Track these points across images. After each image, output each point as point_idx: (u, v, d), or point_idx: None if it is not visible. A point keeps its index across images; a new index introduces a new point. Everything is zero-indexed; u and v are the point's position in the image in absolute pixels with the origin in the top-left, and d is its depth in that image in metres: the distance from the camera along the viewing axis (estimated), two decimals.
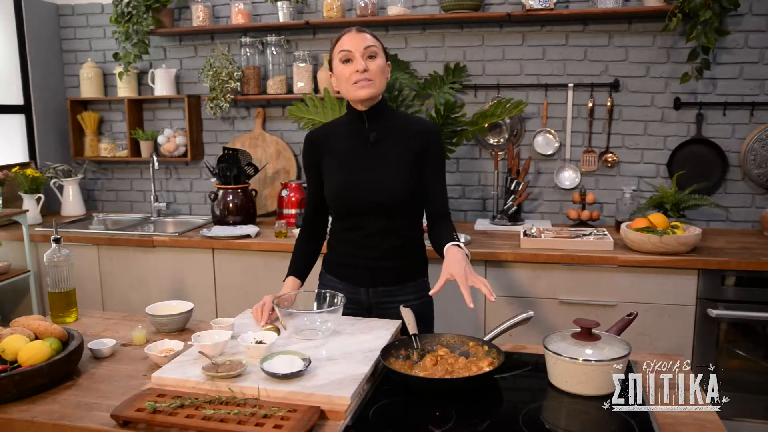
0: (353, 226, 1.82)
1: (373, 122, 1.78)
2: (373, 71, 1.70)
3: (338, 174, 1.81)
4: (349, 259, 1.85)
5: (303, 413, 1.21)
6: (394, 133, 1.79)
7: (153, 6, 3.31)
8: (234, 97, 3.38)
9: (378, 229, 1.78)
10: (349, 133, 1.81)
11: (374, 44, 1.72)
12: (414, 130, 1.80)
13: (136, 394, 1.31)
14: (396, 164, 1.76)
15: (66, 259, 1.81)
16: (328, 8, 3.18)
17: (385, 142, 1.78)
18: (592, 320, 1.40)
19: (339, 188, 1.80)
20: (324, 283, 1.92)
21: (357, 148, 1.80)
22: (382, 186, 1.75)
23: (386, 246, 1.80)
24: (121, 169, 3.81)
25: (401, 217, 1.80)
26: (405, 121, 1.83)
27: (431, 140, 1.80)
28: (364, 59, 1.70)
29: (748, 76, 2.93)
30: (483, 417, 1.26)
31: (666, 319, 2.56)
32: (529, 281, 2.65)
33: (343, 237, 1.86)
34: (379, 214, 1.77)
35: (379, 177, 1.76)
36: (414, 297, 1.83)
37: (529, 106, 3.17)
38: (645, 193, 3.11)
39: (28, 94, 3.57)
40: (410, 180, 1.77)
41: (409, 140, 1.78)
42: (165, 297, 3.07)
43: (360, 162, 1.79)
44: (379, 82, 1.73)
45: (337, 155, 1.82)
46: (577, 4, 3.04)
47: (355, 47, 1.70)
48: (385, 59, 1.76)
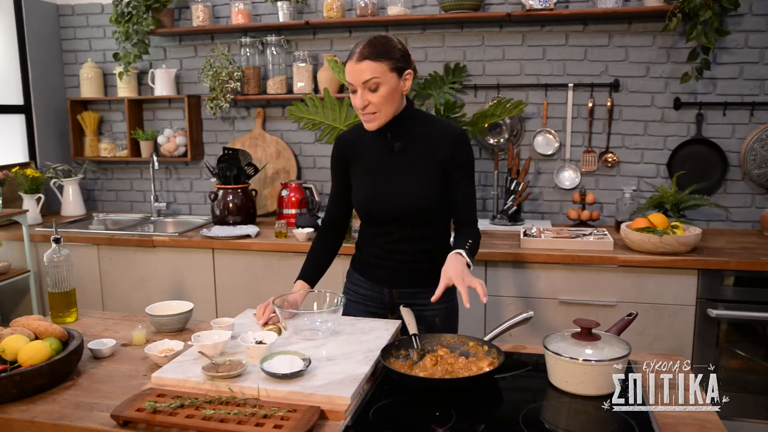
0: (379, 232, 1.82)
1: (396, 132, 1.75)
2: (375, 104, 1.65)
3: (364, 182, 1.80)
4: (376, 260, 1.85)
5: (303, 413, 1.21)
6: (418, 142, 1.75)
7: (153, 6, 3.31)
8: (234, 97, 3.38)
9: (404, 236, 1.79)
10: (375, 142, 1.78)
11: (375, 75, 1.61)
12: (439, 138, 1.75)
13: (136, 394, 1.31)
14: (421, 173, 1.74)
15: (66, 259, 1.81)
16: (328, 8, 3.18)
17: (409, 151, 1.76)
18: (592, 320, 1.40)
19: (365, 197, 1.80)
20: (351, 281, 1.93)
21: (382, 157, 1.78)
22: (406, 196, 1.74)
23: (412, 251, 1.80)
24: (121, 169, 3.81)
25: (427, 225, 1.79)
26: (431, 128, 1.77)
27: (457, 147, 1.74)
28: (364, 92, 1.64)
29: (748, 76, 2.93)
30: (483, 417, 1.26)
31: (666, 319, 2.56)
32: (529, 281, 2.65)
33: (370, 240, 1.86)
34: (405, 222, 1.77)
35: (403, 187, 1.75)
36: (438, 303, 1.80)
37: (529, 106, 3.17)
38: (645, 193, 3.11)
39: (28, 94, 3.57)
40: (435, 189, 1.74)
41: (434, 149, 1.74)
42: (165, 297, 3.07)
43: (385, 171, 1.77)
44: (385, 111, 1.67)
45: (364, 162, 1.81)
46: (577, 4, 3.04)
47: (354, 80, 1.64)
48: (397, 76, 1.65)
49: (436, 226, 1.81)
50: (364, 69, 1.61)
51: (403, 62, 1.67)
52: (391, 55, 1.64)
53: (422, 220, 1.77)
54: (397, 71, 1.65)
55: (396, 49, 1.65)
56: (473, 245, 1.71)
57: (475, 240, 1.74)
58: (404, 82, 1.68)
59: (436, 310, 1.79)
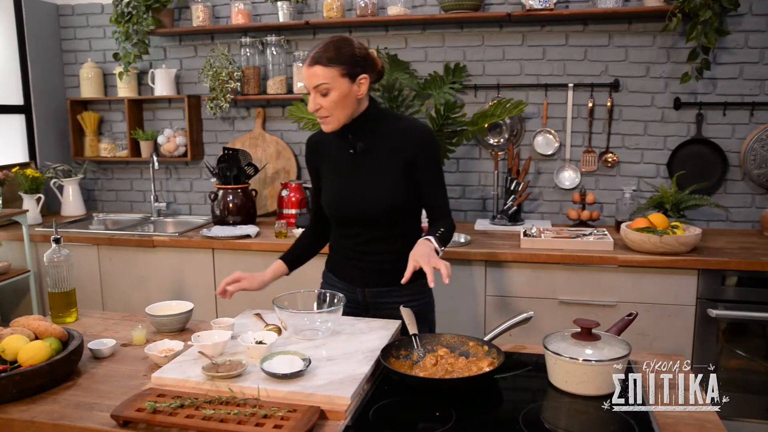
0: (348, 234, 1.84)
1: (358, 133, 1.76)
2: (326, 108, 1.66)
3: (330, 184, 1.82)
4: (347, 261, 1.87)
5: (303, 413, 1.21)
6: (382, 142, 1.75)
7: (153, 6, 3.31)
8: (234, 97, 3.38)
9: (373, 236, 1.80)
10: (339, 143, 1.80)
11: (325, 80, 1.62)
12: (403, 137, 1.74)
13: (136, 394, 1.31)
14: (385, 173, 1.75)
15: (66, 259, 1.81)
16: (328, 8, 3.18)
17: (372, 152, 1.76)
18: (592, 320, 1.40)
19: (331, 199, 1.82)
20: (326, 281, 1.95)
21: (345, 159, 1.79)
22: (369, 198, 1.75)
23: (382, 251, 1.81)
24: (121, 169, 3.81)
25: (396, 224, 1.80)
26: (394, 128, 1.77)
27: (421, 146, 1.74)
28: (316, 96, 1.65)
29: (748, 76, 2.93)
30: (483, 417, 1.26)
31: (666, 319, 2.56)
32: (529, 281, 2.65)
33: (340, 242, 1.88)
34: (372, 223, 1.78)
35: (367, 187, 1.76)
36: (411, 298, 1.83)
37: (529, 106, 3.17)
38: (645, 193, 3.11)
39: (28, 94, 3.57)
40: (401, 188, 1.75)
41: (398, 148, 1.74)
42: (165, 297, 3.07)
43: (349, 172, 1.78)
44: (338, 115, 1.68)
45: (330, 164, 1.83)
46: (577, 4, 3.04)
47: (307, 84, 1.65)
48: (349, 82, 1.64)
49: (405, 225, 1.82)
50: (315, 74, 1.62)
51: (358, 67, 1.65)
52: (344, 60, 1.63)
53: (389, 220, 1.78)
54: (349, 77, 1.64)
55: (350, 54, 1.64)
56: (444, 233, 1.72)
57: (447, 229, 1.74)
58: (359, 86, 1.67)
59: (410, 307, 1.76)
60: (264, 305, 1.98)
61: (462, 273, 2.69)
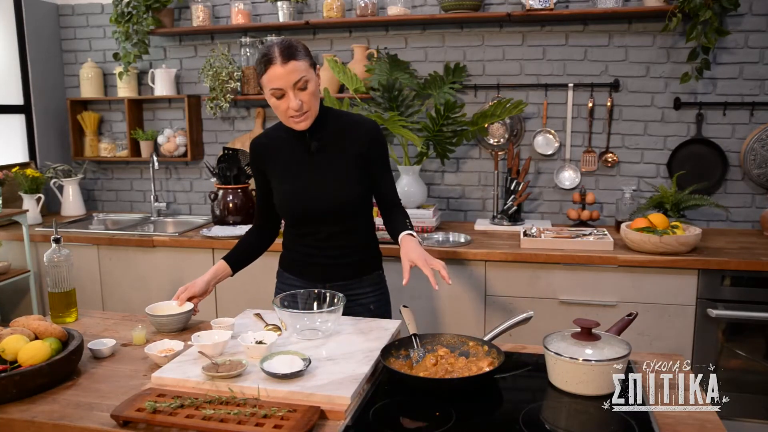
0: (305, 232, 1.86)
1: (314, 132, 1.78)
2: (307, 101, 1.67)
3: (283, 185, 1.83)
4: (305, 258, 1.89)
5: (303, 413, 1.21)
6: (335, 140, 1.79)
7: (153, 6, 3.31)
8: (234, 97, 3.38)
9: (330, 233, 1.82)
10: (292, 143, 1.81)
11: (303, 73, 1.63)
12: (353, 133, 1.79)
13: (136, 394, 1.31)
14: (340, 171, 1.78)
15: (66, 259, 1.81)
16: (328, 8, 3.18)
17: (327, 149, 1.79)
18: (592, 320, 1.40)
19: (286, 199, 1.83)
20: (282, 281, 1.97)
21: (300, 159, 1.80)
22: (328, 194, 1.78)
23: (340, 246, 1.84)
24: (121, 169, 3.81)
25: (352, 219, 1.84)
26: (344, 124, 1.81)
27: (371, 139, 1.80)
28: (296, 92, 1.64)
29: (748, 76, 2.93)
30: (483, 417, 1.26)
31: (666, 319, 2.56)
32: (529, 281, 2.65)
33: (298, 240, 1.90)
34: (329, 220, 1.81)
35: (324, 185, 1.78)
36: (371, 290, 1.90)
37: (529, 106, 3.17)
38: (645, 193, 3.11)
39: (28, 94, 3.57)
40: (356, 184, 1.79)
41: (349, 144, 1.79)
42: (165, 297, 3.07)
43: (304, 172, 1.80)
44: (314, 108, 1.70)
45: (280, 165, 1.83)
46: (577, 4, 3.04)
47: (284, 84, 1.62)
48: (314, 73, 1.68)
49: (361, 217, 1.87)
50: (292, 69, 1.62)
51: (312, 58, 1.70)
52: (305, 52, 1.67)
53: (347, 215, 1.81)
54: (313, 68, 1.69)
55: (303, 47, 1.69)
56: (410, 222, 1.80)
57: (409, 218, 1.82)
58: (318, 78, 1.72)
59: (369, 298, 1.86)
60: (264, 305, 1.99)
61: (462, 273, 2.69)
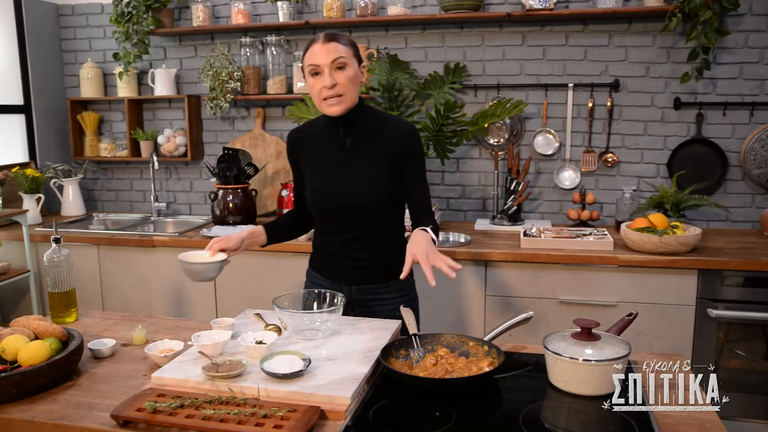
0: (333, 229, 1.84)
1: (349, 128, 1.77)
2: (343, 84, 1.66)
3: (315, 179, 1.82)
4: (332, 258, 1.87)
5: (303, 413, 1.21)
6: (370, 138, 1.77)
7: (153, 6, 3.31)
8: (234, 97, 3.38)
9: (358, 232, 1.80)
10: (326, 138, 1.80)
11: (343, 54, 1.65)
12: (391, 134, 1.77)
13: (136, 394, 1.31)
14: (373, 169, 1.76)
15: (66, 259, 1.81)
16: (328, 8, 3.18)
17: (361, 147, 1.78)
18: (592, 320, 1.40)
19: (316, 194, 1.82)
20: (310, 281, 1.95)
21: (333, 154, 1.79)
22: (358, 192, 1.76)
23: (367, 247, 1.82)
24: (121, 169, 3.81)
25: (381, 220, 1.81)
26: (382, 125, 1.79)
27: (409, 143, 1.78)
28: (333, 71, 1.65)
29: (748, 76, 2.93)
30: (483, 417, 1.26)
31: (666, 319, 2.56)
32: (529, 281, 2.65)
33: (324, 238, 1.89)
34: (358, 218, 1.79)
35: (355, 183, 1.76)
36: (398, 294, 1.85)
37: (529, 106, 3.17)
38: (645, 193, 3.11)
39: (28, 94, 3.57)
40: (388, 185, 1.77)
41: (386, 144, 1.76)
42: (165, 297, 3.08)
43: (336, 168, 1.79)
44: (351, 95, 1.69)
45: (314, 159, 1.83)
46: (577, 4, 3.04)
47: (322, 60, 1.64)
48: (357, 64, 1.71)
49: (390, 221, 1.84)
50: (332, 49, 1.65)
51: (359, 53, 1.73)
52: (352, 43, 1.71)
53: (375, 216, 1.79)
54: (357, 59, 1.72)
55: (351, 41, 1.72)
56: (435, 228, 1.73)
57: (435, 225, 1.76)
58: (362, 72, 1.74)
59: (396, 303, 1.79)
60: (264, 305, 1.99)
61: (462, 273, 2.69)
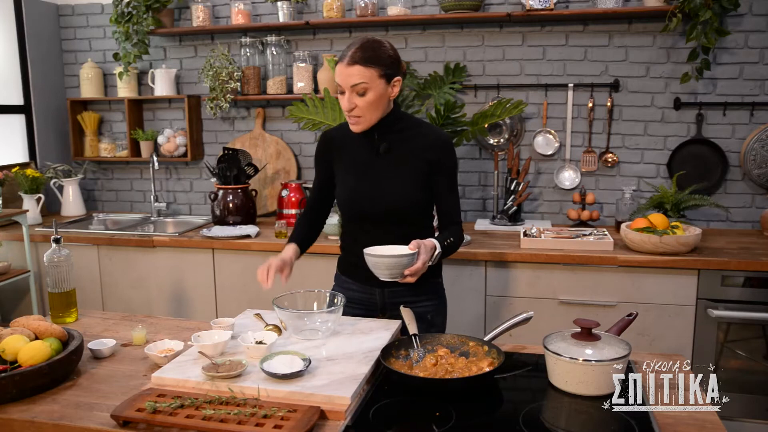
0: (364, 231, 1.83)
1: (383, 134, 1.78)
2: (361, 108, 1.68)
3: (348, 182, 1.83)
4: (360, 261, 1.84)
5: (303, 413, 1.21)
6: (404, 144, 1.79)
7: (153, 6, 3.31)
8: (234, 97, 3.38)
9: (389, 235, 1.79)
10: (362, 142, 1.81)
11: (365, 80, 1.64)
12: (426, 142, 1.78)
13: (136, 394, 1.31)
14: (406, 175, 1.77)
15: (66, 259, 1.81)
16: (328, 8, 3.18)
17: (395, 152, 1.79)
18: (592, 320, 1.40)
19: (349, 196, 1.82)
20: (339, 284, 1.94)
21: (367, 158, 1.80)
22: (391, 196, 1.77)
23: None
24: (121, 169, 3.81)
25: (412, 224, 1.81)
26: (417, 132, 1.80)
27: (443, 152, 1.79)
28: (352, 95, 1.67)
29: (748, 76, 2.93)
30: (483, 417, 1.26)
31: (666, 319, 2.56)
32: (529, 281, 2.65)
33: (356, 242, 1.87)
34: (389, 222, 1.79)
35: (388, 187, 1.77)
36: (427, 298, 1.86)
37: (529, 106, 3.17)
38: (645, 193, 3.11)
39: (28, 94, 3.57)
40: (419, 190, 1.78)
41: (419, 152, 1.77)
42: (165, 297, 3.08)
43: (370, 171, 1.79)
44: (370, 117, 1.71)
45: (348, 161, 1.83)
46: (577, 4, 3.04)
47: (343, 82, 1.66)
48: (386, 83, 1.68)
49: (419, 226, 1.84)
50: (354, 73, 1.64)
51: (392, 69, 1.70)
52: (382, 61, 1.67)
53: (405, 220, 1.80)
54: (386, 77, 1.68)
55: (387, 56, 1.68)
56: (452, 244, 1.76)
57: (456, 238, 1.78)
58: (392, 88, 1.72)
59: (426, 307, 1.82)
60: (264, 305, 1.99)
61: (462, 273, 2.69)
